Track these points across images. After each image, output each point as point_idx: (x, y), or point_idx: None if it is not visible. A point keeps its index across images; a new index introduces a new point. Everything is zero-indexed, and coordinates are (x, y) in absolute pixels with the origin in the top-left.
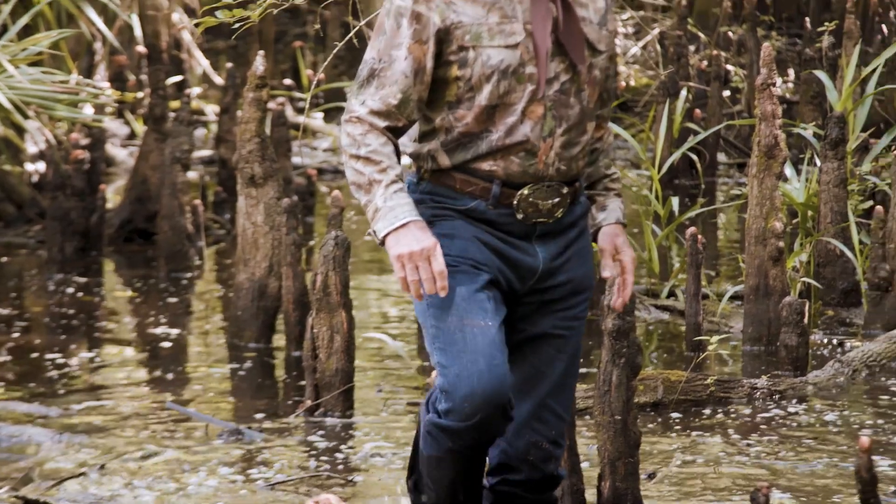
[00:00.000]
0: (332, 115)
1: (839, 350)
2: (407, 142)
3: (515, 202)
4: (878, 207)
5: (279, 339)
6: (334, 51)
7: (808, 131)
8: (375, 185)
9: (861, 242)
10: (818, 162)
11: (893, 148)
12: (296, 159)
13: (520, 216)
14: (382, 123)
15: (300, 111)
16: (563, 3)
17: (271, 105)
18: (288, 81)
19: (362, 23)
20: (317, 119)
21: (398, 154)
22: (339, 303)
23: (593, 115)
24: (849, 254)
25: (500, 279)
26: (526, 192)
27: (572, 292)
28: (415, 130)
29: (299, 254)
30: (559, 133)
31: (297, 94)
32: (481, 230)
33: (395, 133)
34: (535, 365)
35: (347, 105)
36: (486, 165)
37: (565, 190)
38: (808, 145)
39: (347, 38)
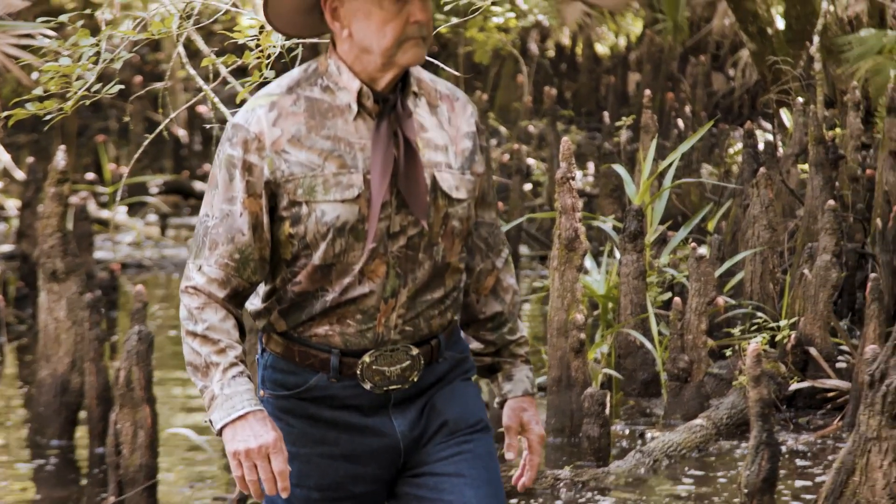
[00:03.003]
0: (136, 210)
1: (640, 440)
2: (252, 300)
3: (358, 372)
4: (677, 299)
5: (82, 436)
6: (142, 145)
7: (607, 224)
8: (212, 369)
9: (660, 333)
10: (618, 254)
11: (691, 240)
12: (98, 254)
13: (367, 386)
14: (222, 293)
15: (103, 205)
16: (406, 148)
17: (73, 199)
18: (90, 175)
19: (171, 116)
20: (120, 213)
21: (241, 328)
22: (142, 398)
23: (455, 270)
24: (648, 345)
25: (361, 488)
26: (367, 359)
27: (451, 433)
28: (261, 288)
29: (102, 349)
30: (404, 293)
31: (100, 189)
32: (326, 430)
33: (237, 300)
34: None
35: (185, 271)
36: (321, 330)
37: (415, 351)
38: (608, 238)
39: (156, 132)
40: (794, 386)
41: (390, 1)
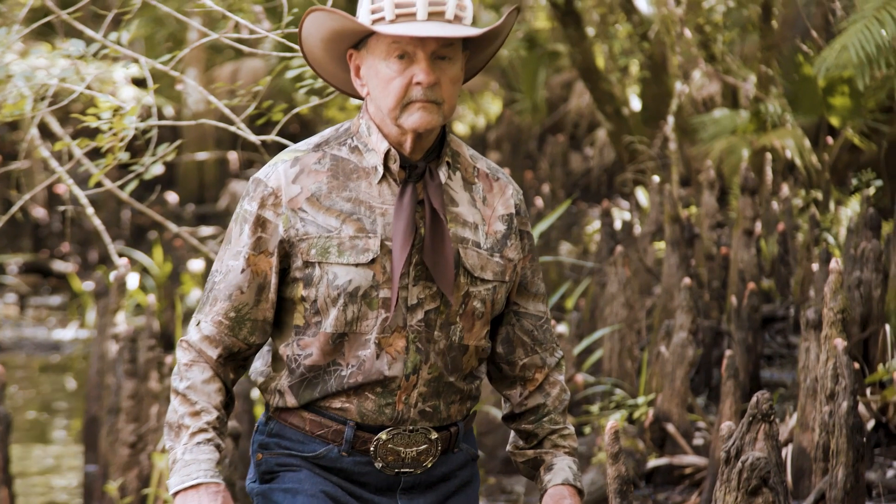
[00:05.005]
0: None
1: None
2: (260, 368)
3: (372, 448)
4: None
5: None
6: None
7: None
8: (182, 431)
9: None
10: None
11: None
12: None
13: (379, 465)
14: (214, 352)
15: None
16: (433, 219)
17: None
18: None
19: (26, 196)
20: None
21: (226, 392)
22: (0, 479)
23: (475, 355)
24: None
25: None
26: (384, 437)
27: None
28: (268, 357)
29: None
30: (426, 370)
31: None
32: (330, 483)
33: (233, 361)
34: None
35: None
36: (337, 403)
37: (434, 436)
38: None
39: (10, 212)
40: (653, 462)
41: (395, 59)
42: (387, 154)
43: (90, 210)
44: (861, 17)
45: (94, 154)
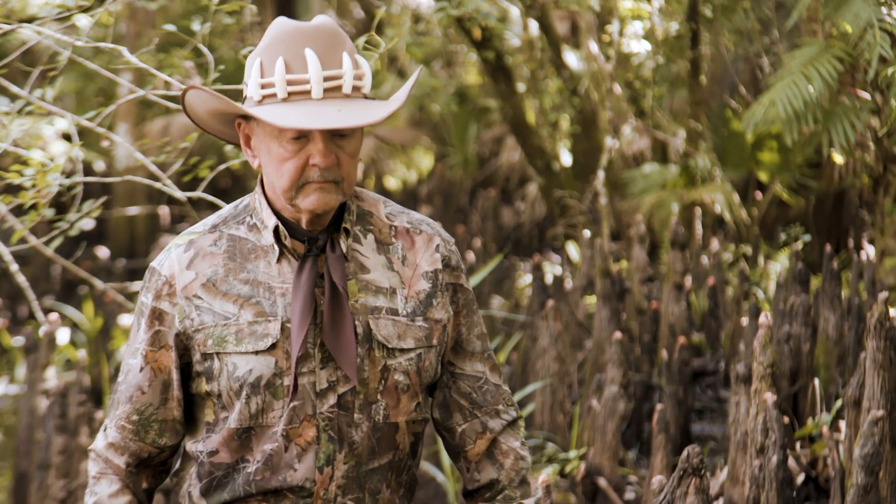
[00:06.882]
0: None
1: None
2: (172, 467)
3: None
4: None
5: None
6: None
7: None
8: None
9: (453, 465)
10: None
11: None
12: None
13: None
14: (120, 460)
15: None
16: (332, 294)
17: None
18: None
19: None
20: None
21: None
22: None
23: (407, 432)
24: (440, 477)
25: None
26: None
27: None
28: (180, 454)
29: None
30: (341, 459)
31: None
32: None
33: (145, 466)
34: None
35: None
36: None
37: None
38: None
39: None
40: None
41: (289, 140)
42: (276, 230)
43: (14, 267)
44: (788, 74)
45: (21, 209)
